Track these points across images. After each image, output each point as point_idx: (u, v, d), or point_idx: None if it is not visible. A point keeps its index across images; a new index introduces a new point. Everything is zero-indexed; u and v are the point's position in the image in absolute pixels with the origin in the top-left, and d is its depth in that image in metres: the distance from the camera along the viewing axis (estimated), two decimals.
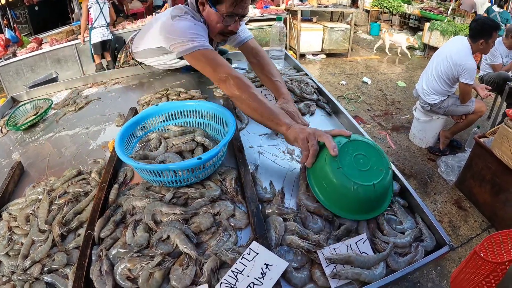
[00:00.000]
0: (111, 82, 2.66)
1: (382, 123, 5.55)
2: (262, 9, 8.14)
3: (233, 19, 1.70)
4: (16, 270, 1.14)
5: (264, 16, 7.93)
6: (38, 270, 1.11)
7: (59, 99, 2.52)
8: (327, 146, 1.21)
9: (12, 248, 1.24)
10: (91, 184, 1.44)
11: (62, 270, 1.12)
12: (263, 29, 7.73)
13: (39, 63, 7.30)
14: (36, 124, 2.21)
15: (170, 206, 1.18)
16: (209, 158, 1.22)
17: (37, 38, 8.19)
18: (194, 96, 2.01)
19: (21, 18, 12.88)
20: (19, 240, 1.27)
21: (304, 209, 1.23)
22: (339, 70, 8.07)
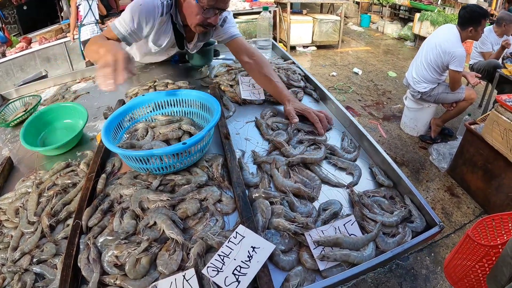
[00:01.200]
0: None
1: (373, 113, 5.57)
2: (252, 2, 8.08)
3: (214, 12, 1.69)
4: (6, 263, 1.15)
5: (253, 9, 7.89)
6: (28, 261, 1.12)
7: (48, 95, 2.51)
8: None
9: (2, 241, 1.24)
10: (79, 175, 1.45)
11: (51, 260, 1.12)
12: (252, 22, 7.66)
13: (29, 62, 7.23)
14: (25, 121, 2.21)
15: (156, 192, 1.19)
16: (194, 142, 1.22)
17: (26, 38, 8.12)
18: (182, 87, 2.02)
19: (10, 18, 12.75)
20: (8, 233, 1.27)
21: (290, 193, 1.24)
22: (330, 62, 8.07)
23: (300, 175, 1.35)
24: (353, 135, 1.65)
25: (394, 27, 10.65)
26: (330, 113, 1.82)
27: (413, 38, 9.55)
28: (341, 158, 1.45)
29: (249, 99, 1.84)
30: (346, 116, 1.69)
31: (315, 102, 1.92)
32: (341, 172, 1.42)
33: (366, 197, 1.25)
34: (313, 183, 1.31)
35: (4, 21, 10.15)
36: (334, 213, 1.19)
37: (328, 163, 1.45)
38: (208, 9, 1.66)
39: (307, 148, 1.48)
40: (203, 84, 2.14)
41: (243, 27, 7.62)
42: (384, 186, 1.34)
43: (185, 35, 1.99)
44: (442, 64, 4.05)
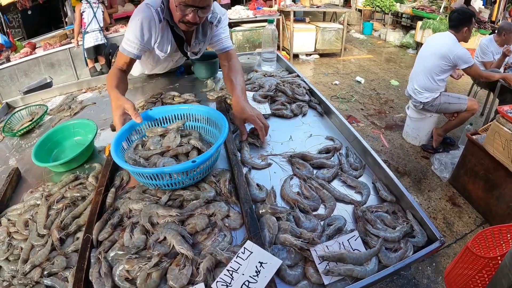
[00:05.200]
0: (105, 87, 2.65)
1: (375, 122, 5.58)
2: (255, 10, 8.11)
3: (189, 9, 1.73)
4: (16, 275, 1.16)
5: (256, 17, 7.92)
6: (38, 274, 1.13)
7: (54, 104, 2.53)
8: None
9: (12, 253, 1.26)
10: (88, 188, 1.47)
11: (62, 273, 1.14)
12: (256, 30, 7.72)
13: (33, 67, 7.26)
14: (32, 130, 2.22)
15: (166, 208, 1.21)
16: (203, 161, 1.25)
17: (30, 43, 8.14)
18: (188, 100, 2.04)
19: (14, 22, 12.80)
20: (18, 245, 1.29)
21: (297, 209, 1.26)
22: (332, 70, 8.08)
23: (314, 192, 1.38)
24: (356, 150, 1.67)
25: (396, 35, 10.69)
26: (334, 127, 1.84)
27: (415, 46, 9.58)
28: (350, 176, 1.47)
29: None
30: (350, 131, 1.71)
31: (320, 116, 1.94)
32: (348, 189, 1.44)
33: (369, 212, 1.27)
34: (327, 204, 1.33)
35: (8, 25, 10.18)
36: (339, 229, 1.21)
37: (338, 179, 1.48)
38: (183, 6, 1.71)
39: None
40: (209, 98, 2.16)
41: (247, 35, 7.68)
42: (387, 201, 1.36)
43: (184, 37, 2.05)
44: (447, 69, 4.08)
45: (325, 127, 1.85)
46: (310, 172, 1.48)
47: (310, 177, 1.44)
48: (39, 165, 1.61)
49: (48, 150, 1.80)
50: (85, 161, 1.73)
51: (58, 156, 1.81)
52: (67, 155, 1.78)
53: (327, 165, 1.53)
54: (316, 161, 1.54)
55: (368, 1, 11.61)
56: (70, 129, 1.91)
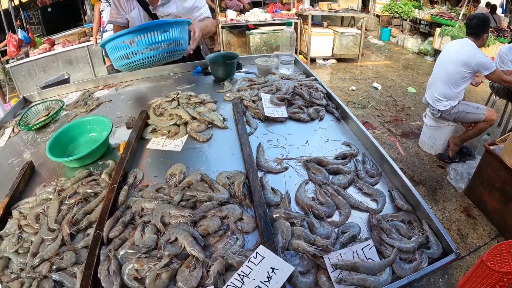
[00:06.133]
0: (122, 85, 2.69)
1: (392, 129, 5.52)
2: (273, 13, 8.13)
3: None
4: (25, 268, 1.17)
5: (274, 20, 7.91)
6: (47, 268, 1.13)
7: (70, 100, 2.55)
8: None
9: (22, 246, 1.26)
10: (101, 185, 1.46)
11: (71, 268, 1.14)
12: (274, 33, 7.73)
13: (51, 64, 7.37)
14: (48, 125, 2.24)
15: (178, 208, 1.20)
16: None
17: (49, 39, 8.27)
18: (205, 100, 2.04)
19: (34, 19, 13.01)
20: (28, 238, 1.29)
21: (311, 215, 1.24)
22: (349, 75, 8.03)
23: (329, 198, 1.35)
24: (373, 156, 1.64)
25: (414, 42, 10.57)
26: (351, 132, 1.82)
27: (433, 53, 9.46)
28: (366, 183, 1.44)
29: (272, 116, 1.84)
30: (367, 137, 1.68)
31: (337, 121, 1.91)
32: (364, 196, 1.41)
33: (385, 221, 1.25)
34: (342, 211, 1.31)
35: (28, 22, 10.34)
36: (353, 237, 1.19)
37: (354, 186, 1.45)
38: None
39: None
40: (225, 98, 2.15)
41: (264, 38, 7.70)
42: (403, 210, 1.33)
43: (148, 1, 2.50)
44: (467, 76, 4.02)
45: (342, 132, 1.82)
46: (326, 178, 1.46)
47: (326, 183, 1.42)
48: (53, 159, 1.62)
49: (62, 145, 1.81)
50: (99, 158, 1.72)
51: (72, 152, 1.81)
52: (82, 151, 1.78)
53: (343, 171, 1.50)
54: (332, 166, 1.51)
55: (386, 6, 11.53)
56: (86, 125, 1.91)
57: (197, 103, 2.01)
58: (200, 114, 1.86)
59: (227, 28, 8.02)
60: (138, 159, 1.66)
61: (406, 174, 1.41)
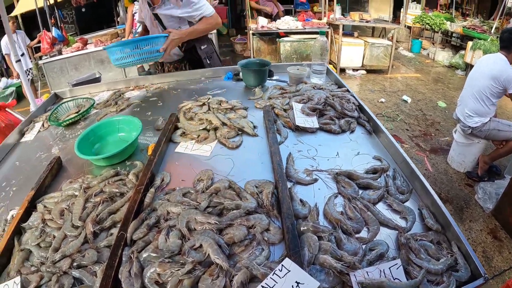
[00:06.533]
0: (153, 87, 2.72)
1: (420, 144, 5.41)
2: (304, 22, 8.06)
3: None
4: (45, 262, 1.18)
5: (305, 29, 7.85)
6: (68, 264, 1.14)
7: (101, 99, 2.59)
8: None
9: (44, 240, 1.28)
10: (127, 185, 1.46)
11: (91, 267, 1.14)
12: (304, 42, 7.64)
13: (83, 62, 7.53)
14: (77, 122, 2.28)
15: (205, 215, 1.18)
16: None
17: (82, 38, 8.46)
18: (235, 106, 2.03)
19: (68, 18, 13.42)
20: (51, 233, 1.30)
21: (339, 230, 1.21)
22: (379, 87, 7.92)
23: (358, 213, 1.31)
24: (404, 172, 1.58)
25: (445, 55, 10.35)
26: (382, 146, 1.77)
27: (464, 67, 9.23)
28: (396, 200, 1.39)
29: (303, 126, 1.81)
30: (398, 152, 1.63)
31: (368, 133, 1.87)
32: (393, 213, 1.36)
33: (414, 241, 1.20)
34: (371, 227, 1.27)
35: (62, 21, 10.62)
36: (381, 255, 1.15)
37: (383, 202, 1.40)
38: None
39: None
40: (256, 106, 2.13)
41: (295, 46, 7.66)
42: (432, 230, 1.27)
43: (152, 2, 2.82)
44: (498, 92, 3.91)
45: (372, 146, 1.78)
46: (356, 192, 1.41)
47: (355, 197, 1.38)
48: (81, 157, 1.63)
49: (91, 143, 1.83)
50: (126, 158, 1.73)
51: (100, 150, 1.83)
52: (110, 150, 1.80)
53: (373, 186, 1.46)
54: (362, 181, 1.47)
55: (417, 18, 11.34)
56: (115, 125, 1.93)
57: (228, 109, 2.00)
58: (230, 120, 1.85)
59: (258, 34, 8.01)
60: (166, 162, 1.66)
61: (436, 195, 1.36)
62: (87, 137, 1.81)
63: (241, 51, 10.21)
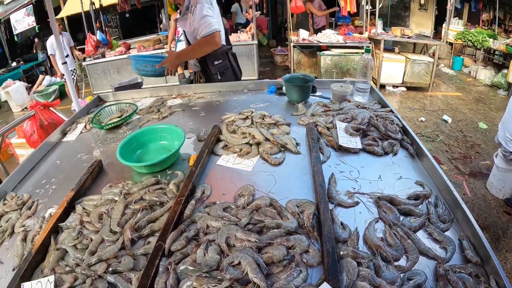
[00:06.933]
0: (195, 96, 2.75)
1: (459, 166, 5.25)
2: (345, 36, 8.01)
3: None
4: (80, 264, 1.20)
5: (347, 43, 7.78)
6: (103, 268, 1.16)
7: (143, 105, 2.66)
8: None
9: (81, 242, 1.31)
10: (167, 195, 1.48)
11: (127, 273, 1.15)
12: (345, 56, 7.56)
13: (125, 66, 7.76)
14: (119, 126, 2.33)
15: (245, 232, 1.18)
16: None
17: (125, 43, 8.73)
18: (278, 122, 2.02)
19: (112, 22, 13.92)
20: (88, 235, 1.33)
21: (379, 257, 1.18)
22: (419, 105, 7.73)
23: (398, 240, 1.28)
24: (445, 199, 1.53)
25: (488, 73, 9.98)
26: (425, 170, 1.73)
27: (507, 86, 8.85)
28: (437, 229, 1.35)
29: (346, 146, 1.78)
30: (442, 179, 1.57)
31: (411, 157, 1.81)
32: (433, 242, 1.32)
33: (452, 272, 1.15)
34: (410, 255, 1.23)
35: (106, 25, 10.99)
36: (418, 285, 1.11)
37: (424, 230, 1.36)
38: None
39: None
40: (299, 122, 2.10)
41: (335, 61, 7.60)
42: (472, 262, 1.22)
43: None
44: None
45: (414, 170, 1.72)
46: (397, 218, 1.38)
47: (396, 224, 1.34)
48: (123, 163, 1.66)
49: (133, 149, 1.86)
50: (168, 167, 1.75)
51: (141, 157, 1.86)
52: (151, 157, 1.84)
53: (414, 213, 1.41)
54: (404, 207, 1.43)
55: (459, 34, 11.04)
56: (157, 133, 1.95)
57: (271, 124, 1.99)
58: (273, 136, 1.84)
59: (298, 47, 8.00)
60: (207, 174, 1.66)
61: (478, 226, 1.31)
62: (130, 143, 1.85)
63: (281, 63, 10.21)
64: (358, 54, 7.42)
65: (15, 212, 1.61)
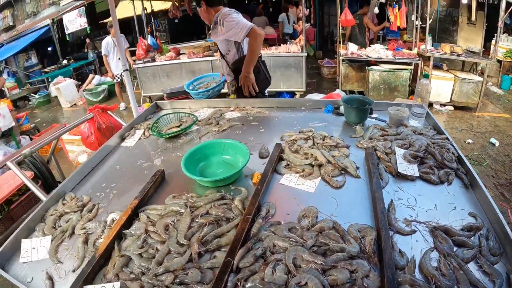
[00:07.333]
0: (253, 110, 2.78)
1: (505, 193, 5.05)
2: (394, 51, 7.88)
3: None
4: (146, 272, 1.27)
5: (395, 58, 7.60)
6: (170, 279, 1.22)
7: (201, 115, 2.73)
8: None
9: (147, 251, 1.37)
10: (233, 211, 1.53)
11: (194, 286, 1.20)
12: (394, 72, 7.44)
13: (175, 71, 7.98)
14: (179, 136, 2.42)
15: (311, 254, 1.24)
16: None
17: (175, 48, 8.96)
18: (339, 144, 2.04)
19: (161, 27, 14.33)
20: (154, 245, 1.40)
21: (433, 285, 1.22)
22: (466, 126, 7.48)
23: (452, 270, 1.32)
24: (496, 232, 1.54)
25: None
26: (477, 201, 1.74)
27: None
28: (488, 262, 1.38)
29: (403, 173, 1.79)
30: (494, 212, 1.57)
31: (464, 187, 1.81)
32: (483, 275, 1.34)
33: None
34: (462, 286, 1.26)
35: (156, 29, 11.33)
36: None
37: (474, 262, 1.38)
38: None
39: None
40: (358, 145, 2.09)
41: (383, 76, 7.48)
42: None
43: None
44: None
45: (467, 200, 1.72)
46: (451, 249, 1.41)
47: (450, 254, 1.38)
48: (188, 176, 1.74)
49: (196, 161, 1.94)
50: (231, 182, 1.80)
51: (204, 170, 1.94)
52: (213, 170, 1.93)
53: (467, 245, 1.44)
54: (458, 238, 1.46)
55: (509, 52, 10.60)
56: (221, 147, 2.01)
57: (332, 146, 2.01)
58: (334, 158, 1.87)
59: (347, 61, 7.92)
60: (270, 192, 1.70)
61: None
62: (194, 155, 1.93)
63: (327, 75, 10.07)
64: (407, 71, 7.29)
65: (75, 214, 1.69)
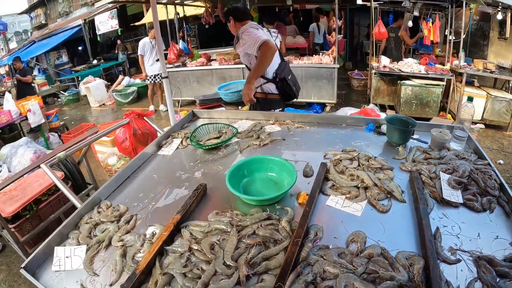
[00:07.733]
0: (294, 124, 2.75)
1: None
2: (427, 66, 7.75)
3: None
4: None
5: (428, 74, 7.46)
6: None
7: (240, 127, 2.71)
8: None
9: (191, 271, 1.36)
10: (280, 232, 1.50)
11: None
12: (426, 88, 7.28)
13: (206, 77, 8.10)
14: (218, 148, 2.40)
15: (363, 282, 1.24)
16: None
17: (206, 54, 9.09)
18: (384, 166, 2.01)
19: (191, 31, 14.54)
20: (199, 264, 1.38)
21: None
22: (497, 146, 7.23)
23: None
24: None
25: None
26: None
27: None
28: None
29: (448, 200, 1.77)
30: None
31: (506, 216, 1.76)
32: None
33: None
34: None
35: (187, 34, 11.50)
36: None
37: None
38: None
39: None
40: (402, 168, 2.06)
41: (416, 91, 7.35)
42: None
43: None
44: None
45: (508, 229, 1.67)
46: (494, 280, 1.38)
47: (494, 286, 1.36)
48: (234, 193, 1.73)
49: (239, 176, 1.93)
50: (277, 201, 1.78)
51: (247, 187, 1.92)
52: (257, 187, 1.91)
53: (510, 276, 1.42)
54: (501, 269, 1.43)
55: None
56: (265, 163, 1.99)
57: (377, 168, 1.98)
58: (380, 181, 1.85)
59: (379, 74, 7.85)
60: (316, 214, 1.67)
61: None
62: (237, 170, 1.91)
63: (357, 87, 9.98)
64: (440, 87, 7.14)
65: (112, 224, 1.69)
